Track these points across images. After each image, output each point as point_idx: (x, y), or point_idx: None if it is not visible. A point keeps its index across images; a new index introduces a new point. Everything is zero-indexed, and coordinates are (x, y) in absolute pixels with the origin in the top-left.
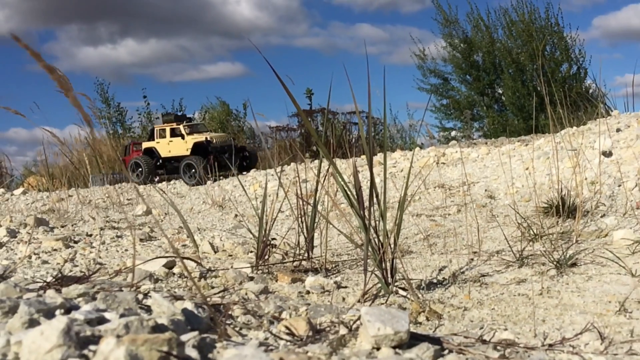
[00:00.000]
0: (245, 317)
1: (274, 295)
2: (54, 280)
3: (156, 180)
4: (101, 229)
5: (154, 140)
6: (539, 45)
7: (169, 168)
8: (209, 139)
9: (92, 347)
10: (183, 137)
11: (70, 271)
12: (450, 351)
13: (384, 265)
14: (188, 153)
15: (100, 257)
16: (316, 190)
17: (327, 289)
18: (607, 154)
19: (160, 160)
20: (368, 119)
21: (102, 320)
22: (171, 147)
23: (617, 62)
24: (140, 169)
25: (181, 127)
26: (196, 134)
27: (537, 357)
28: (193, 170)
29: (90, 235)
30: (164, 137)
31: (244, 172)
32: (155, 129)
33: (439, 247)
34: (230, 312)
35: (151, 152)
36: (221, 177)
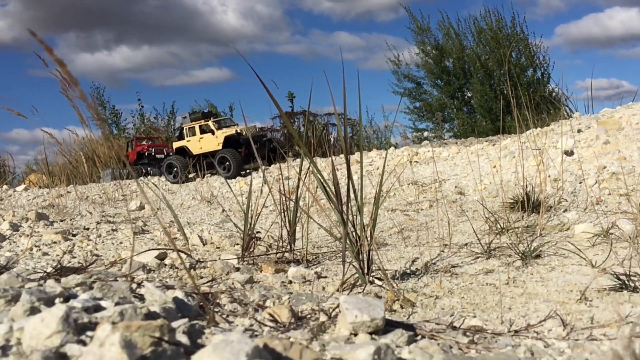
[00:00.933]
0: (231, 305)
1: (259, 285)
2: (53, 270)
3: (191, 177)
4: (98, 223)
5: (183, 139)
6: (506, 52)
7: (203, 164)
8: (238, 131)
9: (89, 333)
10: (213, 133)
11: (69, 262)
12: (423, 337)
13: (361, 256)
14: (220, 147)
15: (96, 249)
16: (298, 187)
17: (308, 279)
18: (569, 153)
19: (193, 158)
20: (344, 120)
21: (99, 308)
22: (202, 143)
23: (578, 68)
24: (175, 169)
25: (210, 122)
26: (225, 128)
27: (504, 342)
28: (227, 162)
29: (88, 229)
30: (194, 134)
31: (273, 164)
32: (184, 128)
33: (412, 240)
34: (217, 301)
35: (182, 151)
36: (249, 170)
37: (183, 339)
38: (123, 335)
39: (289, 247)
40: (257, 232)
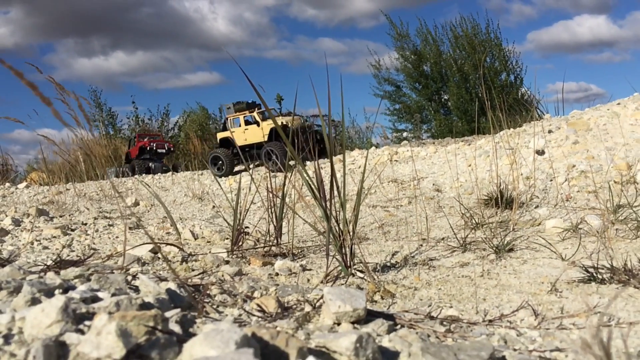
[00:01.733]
0: (221, 296)
1: (247, 277)
2: (53, 263)
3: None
4: (95, 218)
5: (227, 130)
6: (481, 56)
7: (247, 156)
8: (285, 123)
9: (87, 323)
10: (258, 124)
11: (68, 256)
12: (402, 326)
13: (343, 250)
14: (265, 139)
15: (94, 243)
16: (284, 184)
17: (293, 272)
18: (540, 152)
19: (237, 149)
20: (328, 121)
21: (96, 299)
22: (247, 135)
23: (549, 72)
24: (221, 162)
25: (255, 114)
26: (269, 119)
27: (479, 331)
28: (274, 156)
29: (86, 224)
30: (239, 125)
31: (321, 157)
32: (229, 119)
33: (392, 235)
34: (208, 292)
35: (227, 143)
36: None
37: (176, 328)
38: (119, 325)
39: (275, 241)
40: (246, 227)
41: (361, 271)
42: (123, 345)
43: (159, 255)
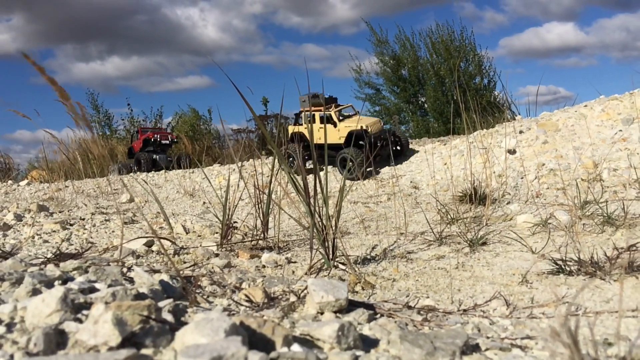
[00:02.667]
0: (211, 287)
1: (236, 269)
2: (53, 256)
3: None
4: (92, 214)
5: (300, 124)
6: (456, 61)
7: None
8: (364, 127)
9: (85, 312)
10: (335, 125)
11: (67, 249)
12: (382, 315)
13: (326, 244)
14: (341, 142)
15: (91, 237)
16: (270, 182)
17: (279, 264)
18: (512, 151)
19: (306, 147)
20: (311, 122)
21: (93, 290)
22: (321, 134)
23: (520, 76)
24: (291, 158)
25: (332, 113)
26: (347, 120)
27: (454, 320)
28: (350, 163)
29: (84, 219)
30: (313, 122)
31: (399, 163)
32: (302, 112)
33: (372, 229)
34: (199, 283)
35: (300, 138)
36: (376, 170)
37: (168, 317)
38: (115, 314)
39: (262, 235)
40: (234, 222)
41: (343, 263)
42: (119, 333)
43: (153, 248)
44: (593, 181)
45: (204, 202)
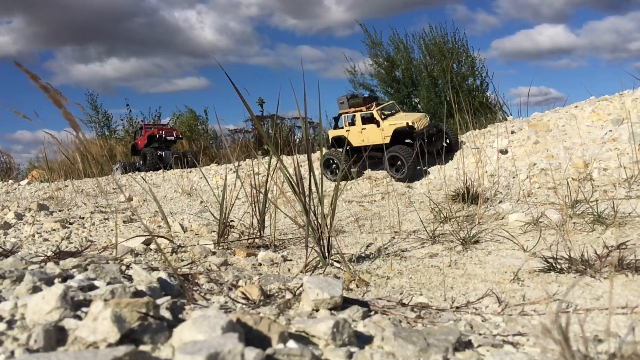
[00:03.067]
0: (209, 284)
1: (232, 267)
2: (53, 254)
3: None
4: (91, 212)
5: (341, 128)
6: (449, 63)
7: (363, 158)
8: (411, 124)
9: (84, 309)
10: (378, 124)
11: (66, 247)
12: (376, 312)
13: (321, 242)
14: (387, 141)
15: (90, 236)
16: (267, 181)
17: (275, 262)
18: (504, 151)
19: (353, 151)
20: (305, 123)
21: (92, 287)
22: (364, 135)
23: (512, 77)
24: (335, 165)
25: (374, 111)
26: (391, 117)
27: (447, 317)
28: (399, 162)
29: (83, 218)
30: (354, 124)
31: (449, 158)
32: (342, 116)
33: (366, 228)
34: (196, 281)
35: (340, 142)
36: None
37: (166, 314)
38: (114, 311)
39: (259, 233)
40: (231, 221)
41: (338, 261)
42: (118, 330)
43: (151, 246)
44: (583, 180)
45: (202, 201)
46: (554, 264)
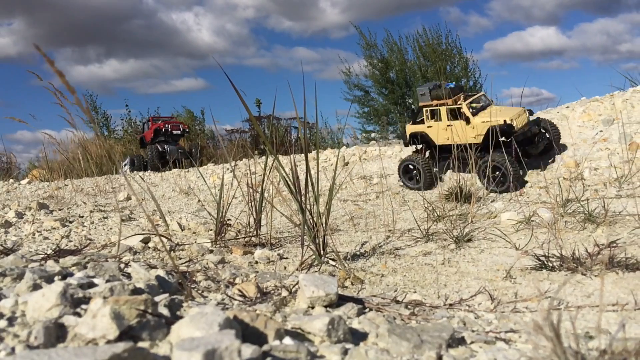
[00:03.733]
0: (206, 282)
1: (229, 265)
2: (53, 252)
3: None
4: (91, 211)
5: (421, 123)
6: (443, 64)
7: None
8: (509, 122)
9: (83, 306)
10: (467, 120)
11: (66, 245)
12: (371, 309)
13: (317, 240)
14: (478, 141)
15: (90, 234)
16: (263, 180)
17: (271, 260)
18: None
19: (435, 150)
20: (304, 123)
21: (92, 285)
22: (450, 133)
23: (504, 78)
24: (415, 171)
25: (464, 106)
26: (482, 112)
27: (440, 314)
28: (497, 172)
29: (82, 217)
30: (438, 119)
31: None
32: (424, 109)
33: (361, 226)
34: (194, 278)
35: (421, 139)
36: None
37: (164, 311)
38: (113, 308)
39: (255, 232)
40: (228, 220)
41: (333, 259)
42: (117, 326)
43: (150, 245)
44: (575, 180)
45: (199, 200)
46: (545, 262)
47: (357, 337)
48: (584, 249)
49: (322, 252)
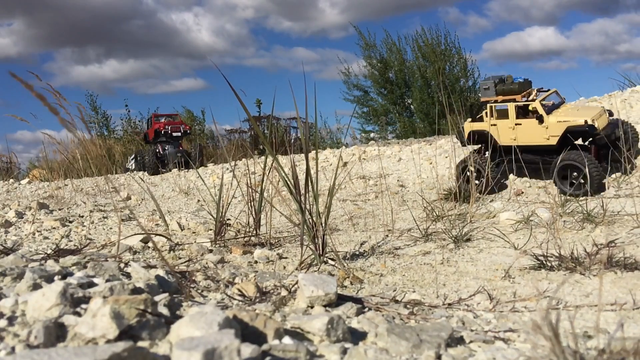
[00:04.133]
0: (205, 282)
1: (229, 264)
2: (53, 252)
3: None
4: (91, 211)
5: (480, 120)
6: (441, 64)
7: (515, 160)
8: (590, 122)
9: (83, 306)
10: (540, 119)
11: (66, 245)
12: (370, 309)
13: (316, 240)
14: (552, 143)
15: (90, 234)
16: (262, 180)
17: (271, 259)
18: None
19: (500, 151)
20: (306, 123)
21: (92, 284)
22: (519, 132)
23: None
24: (476, 173)
25: (537, 103)
26: (557, 111)
27: (439, 313)
28: (575, 173)
29: (82, 217)
30: (504, 116)
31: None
32: (488, 105)
33: (360, 226)
34: (193, 278)
35: (480, 139)
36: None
37: (164, 310)
38: (112, 308)
39: (254, 232)
40: (228, 219)
41: (332, 259)
42: (116, 326)
43: (149, 244)
44: None
45: (199, 200)
46: (544, 262)
47: (357, 336)
48: (583, 249)
49: (321, 251)
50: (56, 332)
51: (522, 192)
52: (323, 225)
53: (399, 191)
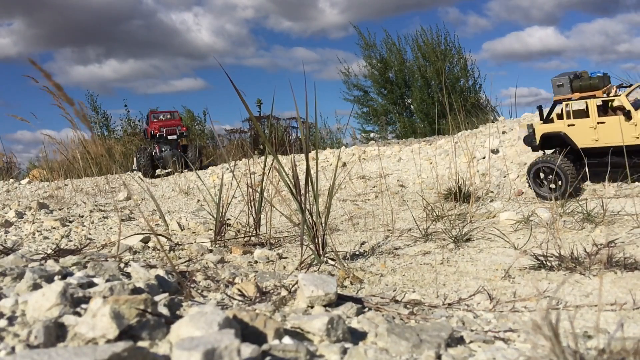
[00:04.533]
0: (205, 281)
1: (229, 264)
2: (53, 252)
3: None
4: (91, 211)
5: (550, 121)
6: (442, 64)
7: (596, 164)
8: None
9: (83, 306)
10: (628, 115)
11: (66, 245)
12: (370, 309)
13: (316, 240)
14: None
15: (90, 234)
16: (262, 180)
17: (271, 259)
18: (495, 151)
19: (577, 155)
20: (306, 123)
21: (92, 284)
22: (601, 132)
23: (503, 78)
24: (552, 176)
25: (623, 97)
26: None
27: (439, 313)
28: None
29: (82, 217)
30: (583, 115)
31: None
32: (564, 103)
33: (360, 226)
34: (193, 278)
35: (554, 141)
36: None
37: (164, 310)
38: (112, 308)
39: (254, 232)
40: (228, 219)
41: (332, 259)
42: (116, 326)
43: (149, 244)
44: None
45: (199, 200)
46: (544, 262)
47: (357, 336)
48: (583, 249)
49: (321, 251)
50: (56, 332)
51: (522, 192)
52: (323, 225)
53: (399, 191)
